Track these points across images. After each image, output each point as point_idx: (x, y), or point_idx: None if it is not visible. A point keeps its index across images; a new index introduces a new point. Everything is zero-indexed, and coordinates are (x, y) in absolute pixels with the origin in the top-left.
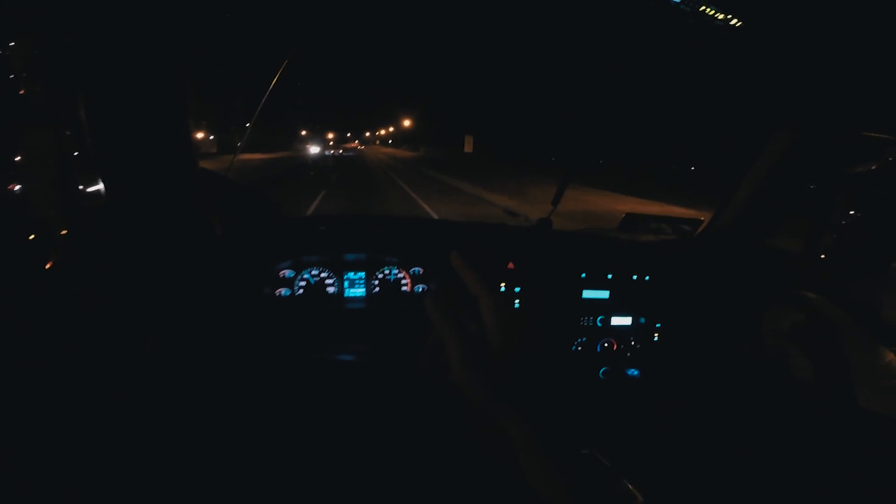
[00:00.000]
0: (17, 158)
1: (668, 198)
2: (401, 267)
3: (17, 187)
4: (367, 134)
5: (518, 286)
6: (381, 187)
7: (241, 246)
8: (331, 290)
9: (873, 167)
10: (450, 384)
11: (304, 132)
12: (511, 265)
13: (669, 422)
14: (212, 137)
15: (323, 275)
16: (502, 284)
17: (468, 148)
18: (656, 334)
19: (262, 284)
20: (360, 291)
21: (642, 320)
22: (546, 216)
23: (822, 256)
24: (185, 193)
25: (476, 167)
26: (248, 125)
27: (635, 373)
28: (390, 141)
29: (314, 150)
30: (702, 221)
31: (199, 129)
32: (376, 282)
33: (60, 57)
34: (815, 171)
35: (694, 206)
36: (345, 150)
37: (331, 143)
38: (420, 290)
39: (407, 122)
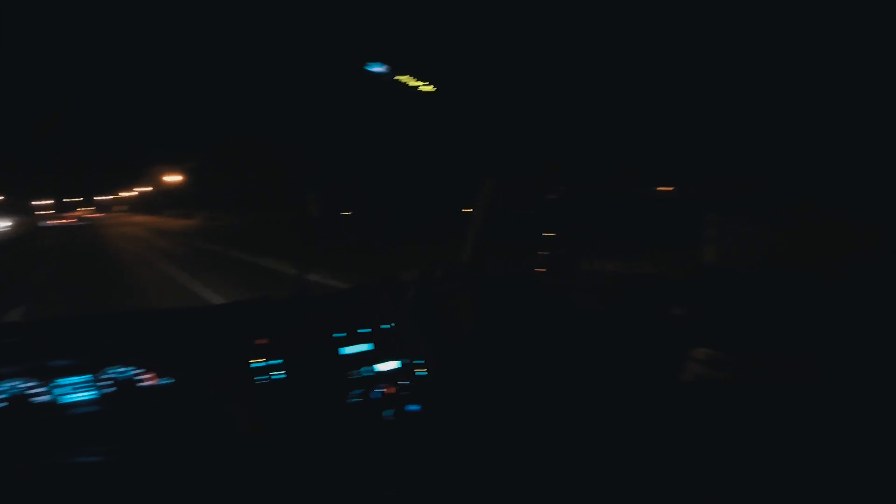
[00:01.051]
0: None
1: None
2: (135, 363)
3: None
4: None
5: (279, 358)
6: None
7: None
8: (40, 399)
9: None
10: None
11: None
12: (262, 340)
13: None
14: None
15: (24, 385)
16: (257, 360)
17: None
18: (421, 370)
19: None
20: (87, 395)
21: (403, 362)
22: (304, 281)
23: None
24: None
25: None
26: None
27: (416, 408)
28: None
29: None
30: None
31: None
32: (107, 382)
33: None
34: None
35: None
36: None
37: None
38: (166, 382)
39: (170, 178)
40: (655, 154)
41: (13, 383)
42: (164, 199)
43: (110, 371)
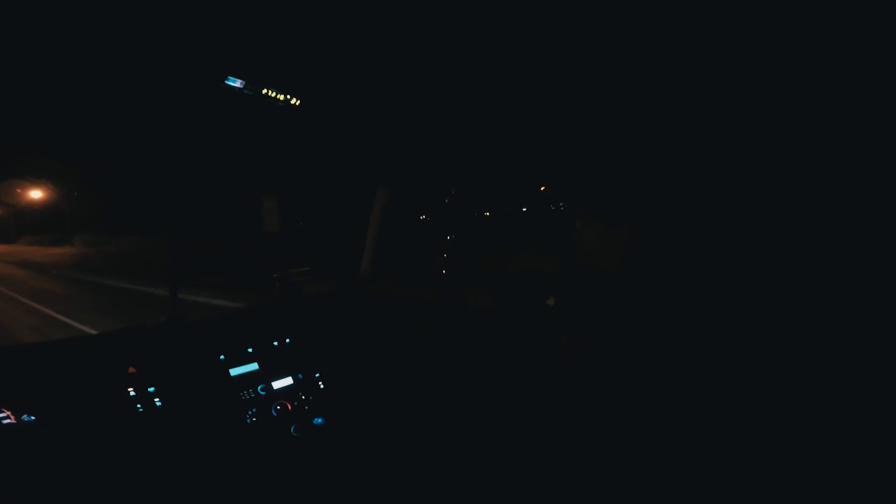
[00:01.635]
0: None
1: None
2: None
3: None
4: None
5: (150, 386)
6: None
7: None
8: None
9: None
10: None
11: None
12: (132, 369)
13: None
14: None
15: None
16: (130, 390)
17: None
18: (321, 383)
19: None
20: None
21: (300, 376)
22: (177, 313)
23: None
24: None
25: None
26: None
27: (320, 421)
28: None
29: None
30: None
31: None
32: None
33: None
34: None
35: None
36: None
37: None
38: (28, 420)
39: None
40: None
41: None
42: (21, 222)
43: None
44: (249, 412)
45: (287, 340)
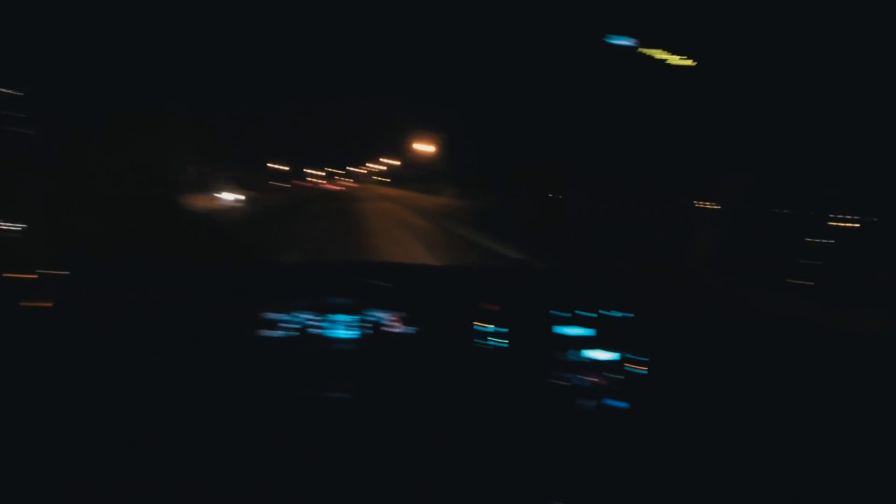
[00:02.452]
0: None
1: None
2: (388, 310)
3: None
4: (365, 167)
5: (498, 325)
6: None
7: (235, 288)
8: (319, 331)
9: None
10: None
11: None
12: (491, 306)
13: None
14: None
15: (312, 318)
16: (482, 324)
17: None
18: (644, 368)
19: (255, 326)
20: (349, 333)
21: (628, 355)
22: (526, 258)
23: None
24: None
25: None
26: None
27: (624, 405)
28: (388, 179)
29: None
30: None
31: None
32: (365, 324)
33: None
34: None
35: None
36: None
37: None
38: (409, 331)
39: (423, 147)
40: None
41: (303, 316)
42: (411, 174)
43: (370, 314)
44: (561, 374)
45: (630, 315)
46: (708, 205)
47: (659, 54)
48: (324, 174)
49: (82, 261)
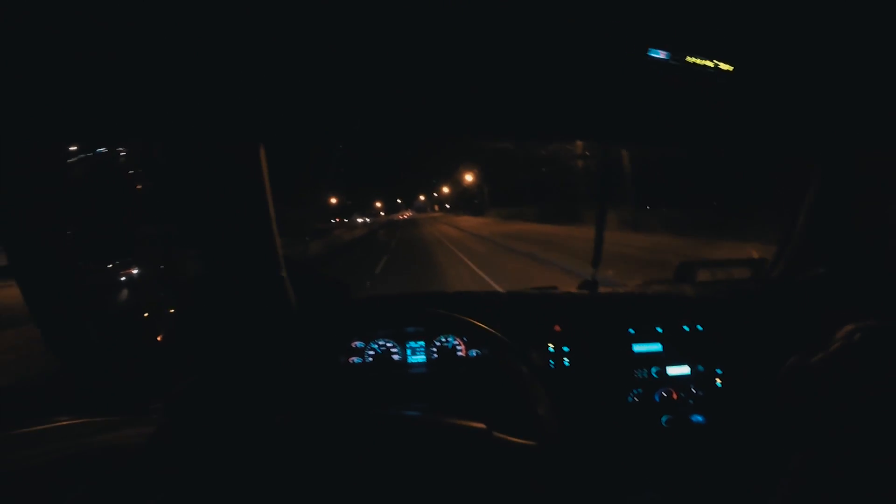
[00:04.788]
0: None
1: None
2: (456, 335)
3: (135, 272)
4: (422, 197)
5: (567, 346)
6: None
7: (318, 320)
8: (396, 357)
9: None
10: None
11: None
12: (557, 327)
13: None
14: None
15: (389, 345)
16: (550, 345)
17: None
18: (718, 380)
19: (338, 354)
20: (421, 358)
21: (701, 368)
22: (591, 278)
23: None
24: (270, 273)
25: None
26: None
27: (700, 419)
28: (446, 205)
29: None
30: (757, 261)
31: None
32: (434, 349)
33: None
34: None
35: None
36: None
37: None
38: (474, 354)
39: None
40: None
41: (382, 342)
42: (460, 200)
43: (439, 339)
44: (634, 391)
45: (699, 328)
46: None
47: None
48: (400, 206)
49: (187, 299)
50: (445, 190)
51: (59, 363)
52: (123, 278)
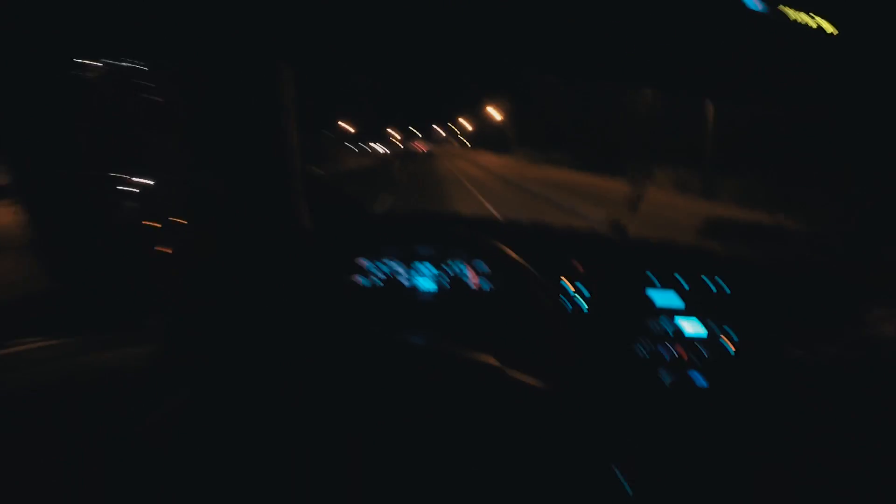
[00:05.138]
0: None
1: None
2: (468, 264)
3: (146, 182)
4: (439, 129)
5: (587, 288)
6: None
7: (329, 238)
8: (404, 281)
9: None
10: None
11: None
12: (580, 267)
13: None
14: None
15: (397, 267)
16: (569, 283)
17: None
18: (732, 347)
19: (345, 272)
20: (429, 285)
21: (717, 331)
22: (620, 221)
23: None
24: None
25: None
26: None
27: (704, 384)
28: (465, 141)
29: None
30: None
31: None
32: (445, 276)
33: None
34: None
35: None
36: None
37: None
38: (485, 286)
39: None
40: None
41: (391, 264)
42: (480, 136)
43: (451, 265)
44: (647, 346)
45: (726, 289)
46: None
47: None
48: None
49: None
50: (464, 122)
51: (50, 277)
52: (129, 188)
